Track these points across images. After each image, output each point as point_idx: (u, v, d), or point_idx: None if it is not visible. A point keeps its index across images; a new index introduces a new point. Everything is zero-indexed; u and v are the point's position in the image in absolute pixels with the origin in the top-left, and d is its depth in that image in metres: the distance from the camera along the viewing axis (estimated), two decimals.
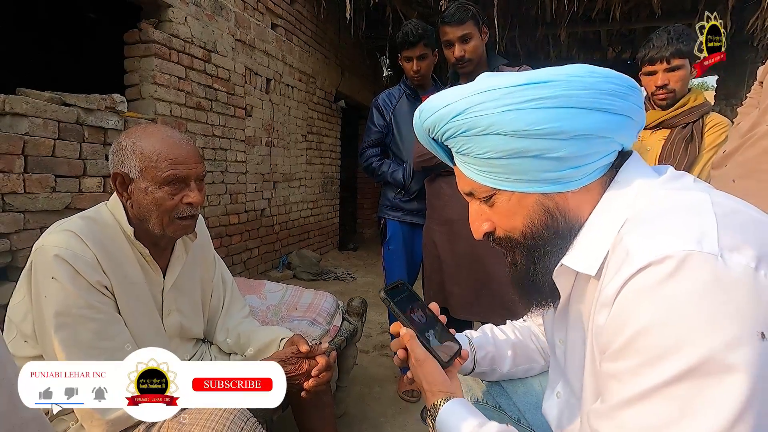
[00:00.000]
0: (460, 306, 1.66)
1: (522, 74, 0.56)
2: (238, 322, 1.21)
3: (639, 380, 0.45)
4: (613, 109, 0.55)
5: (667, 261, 0.45)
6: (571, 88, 0.54)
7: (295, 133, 4.29)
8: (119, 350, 0.88)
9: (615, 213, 0.56)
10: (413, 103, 1.98)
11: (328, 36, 4.80)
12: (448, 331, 0.74)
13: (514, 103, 0.54)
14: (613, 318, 0.48)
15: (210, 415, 0.86)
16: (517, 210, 0.60)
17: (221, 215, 3.28)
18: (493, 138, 0.56)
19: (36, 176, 1.89)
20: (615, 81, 0.55)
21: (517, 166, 0.57)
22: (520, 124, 0.54)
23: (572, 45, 5.40)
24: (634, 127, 0.59)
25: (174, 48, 2.72)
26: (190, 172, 0.94)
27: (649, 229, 0.50)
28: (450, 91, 0.60)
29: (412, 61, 1.92)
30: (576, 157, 0.56)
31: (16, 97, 1.84)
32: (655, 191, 0.55)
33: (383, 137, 2.07)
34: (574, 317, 0.64)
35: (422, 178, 1.91)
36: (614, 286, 0.49)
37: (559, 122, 0.54)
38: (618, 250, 0.51)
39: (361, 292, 3.58)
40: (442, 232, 1.69)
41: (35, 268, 0.85)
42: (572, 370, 0.66)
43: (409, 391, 1.95)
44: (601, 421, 0.50)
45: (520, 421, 0.88)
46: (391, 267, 2.11)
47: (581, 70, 0.55)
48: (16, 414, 0.45)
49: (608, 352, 0.49)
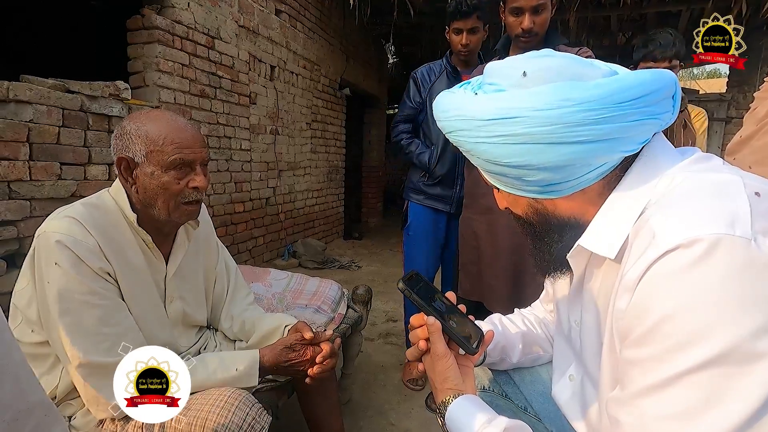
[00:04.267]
0: (497, 299, 1.56)
1: (492, 106, 0.56)
2: (242, 309, 1.20)
3: (662, 367, 0.44)
4: (587, 138, 0.52)
5: (697, 244, 0.43)
6: (533, 125, 0.53)
7: (299, 122, 4.26)
8: (123, 336, 0.88)
9: (633, 198, 0.54)
10: (452, 82, 1.83)
11: (333, 22, 4.74)
12: (467, 317, 0.73)
13: (484, 136, 0.57)
14: (636, 303, 0.47)
15: (216, 400, 0.86)
16: (516, 204, 0.66)
17: (226, 204, 3.28)
18: (477, 159, 0.61)
19: (41, 164, 1.89)
20: (593, 106, 0.51)
21: (502, 179, 0.62)
22: (491, 155, 0.58)
23: (581, 30, 5.29)
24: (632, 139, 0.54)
25: (177, 34, 2.69)
26: (195, 156, 0.93)
27: (677, 211, 0.47)
28: (443, 102, 0.63)
29: (462, 33, 1.77)
30: (551, 180, 0.57)
31: (20, 84, 1.83)
32: (682, 172, 0.53)
33: (417, 114, 1.95)
34: (588, 300, 0.63)
35: (449, 163, 1.86)
36: (638, 270, 0.47)
37: (525, 157, 0.55)
38: (643, 233, 0.49)
39: (365, 280, 3.59)
40: (482, 222, 1.61)
41: (38, 254, 0.85)
42: (588, 354, 0.65)
43: (413, 380, 1.94)
44: (619, 408, 0.48)
45: (526, 409, 0.87)
46: (410, 252, 2.01)
47: (553, 97, 0.52)
48: (22, 399, 0.45)
49: (630, 339, 0.48)
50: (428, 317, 0.68)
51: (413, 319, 0.72)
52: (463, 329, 0.70)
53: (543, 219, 0.63)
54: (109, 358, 0.85)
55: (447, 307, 0.72)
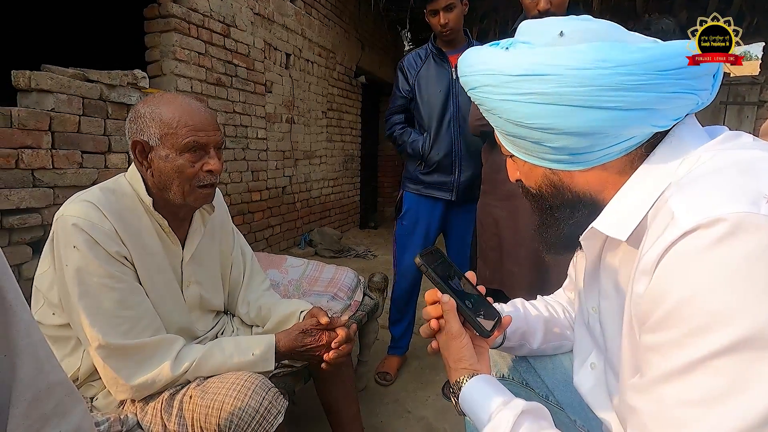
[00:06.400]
0: (518, 286, 1.53)
1: (524, 61, 0.52)
2: (259, 295, 1.21)
3: (682, 352, 0.42)
4: (620, 105, 0.49)
5: (718, 224, 0.40)
6: (565, 84, 0.50)
7: (315, 110, 4.25)
8: (142, 319, 0.88)
9: (654, 180, 0.52)
10: (439, 65, 1.81)
11: (348, 9, 4.68)
12: (486, 299, 0.70)
13: (511, 93, 0.54)
14: (654, 286, 0.45)
15: (232, 384, 0.86)
16: (530, 175, 0.63)
17: (243, 192, 3.30)
18: (498, 119, 0.58)
19: (63, 152, 1.93)
20: (633, 71, 0.48)
21: (521, 144, 0.59)
22: (516, 115, 0.55)
23: (605, 12, 5.10)
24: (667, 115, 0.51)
25: (193, 22, 2.69)
26: (209, 140, 0.92)
27: (697, 190, 0.45)
28: (469, 59, 0.59)
29: (438, 14, 1.71)
30: (574, 148, 0.54)
31: (41, 73, 1.86)
32: (705, 153, 0.50)
33: (408, 102, 1.90)
34: (605, 285, 0.61)
35: (445, 148, 1.82)
36: (656, 252, 0.45)
37: (552, 119, 0.52)
38: (662, 214, 0.47)
39: (381, 269, 3.58)
40: (503, 208, 1.57)
41: (56, 238, 0.86)
42: (608, 341, 0.63)
43: (382, 373, 1.89)
44: (637, 395, 0.46)
45: (548, 398, 0.85)
46: (403, 243, 1.94)
47: (591, 56, 0.49)
48: (42, 378, 0.45)
49: (648, 323, 0.45)
50: (443, 295, 0.66)
51: (427, 295, 0.70)
52: (479, 310, 0.67)
53: (557, 192, 0.60)
54: (127, 340, 0.85)
55: (465, 287, 0.69)
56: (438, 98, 1.81)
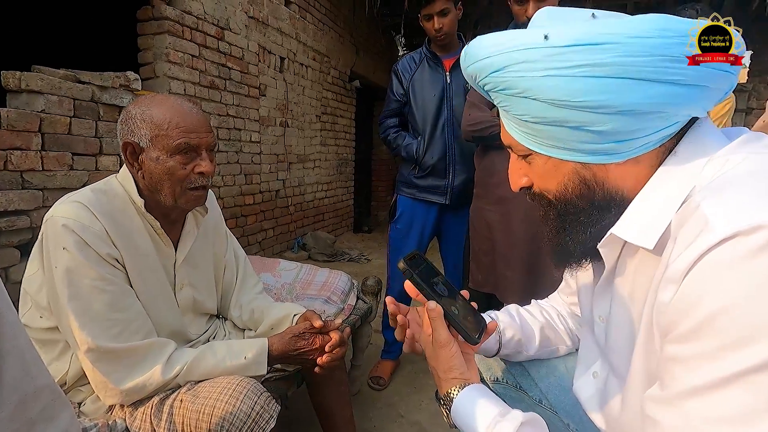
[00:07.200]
0: (511, 290, 1.52)
1: (575, 29, 0.47)
2: (251, 298, 1.19)
3: (713, 365, 0.39)
4: (682, 79, 0.45)
5: (759, 232, 0.38)
6: (629, 54, 0.45)
7: (309, 114, 4.24)
8: (132, 322, 0.87)
9: (677, 182, 0.49)
10: (434, 69, 1.83)
11: (342, 14, 4.70)
12: (470, 304, 0.69)
13: (557, 67, 0.47)
14: (684, 295, 0.42)
15: (223, 388, 0.85)
16: (553, 174, 0.56)
17: (236, 195, 3.29)
18: (531, 102, 0.51)
19: (53, 154, 1.90)
20: (693, 42, 0.45)
21: (554, 133, 0.52)
22: (559, 93, 0.48)
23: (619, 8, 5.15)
24: (709, 97, 0.49)
25: (187, 25, 2.68)
26: (201, 141, 0.91)
27: (733, 195, 0.43)
28: (493, 39, 0.52)
29: (432, 19, 1.72)
30: (621, 132, 0.49)
31: (31, 74, 1.84)
32: (732, 155, 0.48)
33: (402, 106, 1.91)
34: (619, 293, 0.58)
35: (439, 152, 1.83)
36: (687, 260, 0.42)
37: (606, 95, 0.46)
38: (693, 220, 0.44)
39: (375, 273, 3.56)
40: (496, 212, 1.56)
41: (46, 239, 0.85)
42: (616, 350, 0.60)
43: (376, 378, 1.87)
44: (661, 409, 0.44)
45: (541, 402, 0.84)
46: (397, 247, 1.94)
47: (651, 25, 0.45)
48: (28, 382, 0.44)
49: (673, 333, 0.43)
50: (429, 302, 0.64)
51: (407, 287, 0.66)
52: (466, 317, 0.65)
53: (588, 190, 0.54)
54: (117, 343, 0.84)
55: (449, 292, 0.67)
56: (432, 102, 1.82)
